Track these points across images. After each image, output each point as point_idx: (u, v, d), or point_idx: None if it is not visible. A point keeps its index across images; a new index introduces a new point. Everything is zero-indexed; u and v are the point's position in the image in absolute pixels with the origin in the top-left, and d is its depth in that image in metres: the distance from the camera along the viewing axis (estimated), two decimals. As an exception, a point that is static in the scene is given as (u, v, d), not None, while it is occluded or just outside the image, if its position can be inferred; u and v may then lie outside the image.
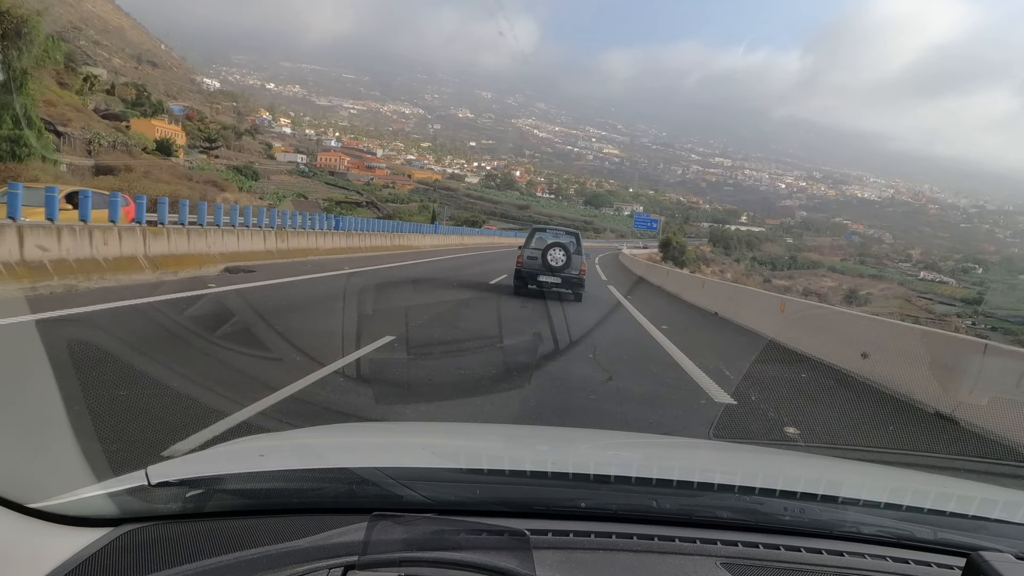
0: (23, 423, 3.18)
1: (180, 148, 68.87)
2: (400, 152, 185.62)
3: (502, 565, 0.96)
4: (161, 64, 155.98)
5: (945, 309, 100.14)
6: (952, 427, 6.01)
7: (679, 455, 1.94)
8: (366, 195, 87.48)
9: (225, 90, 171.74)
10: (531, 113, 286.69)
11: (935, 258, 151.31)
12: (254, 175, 76.77)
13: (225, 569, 0.98)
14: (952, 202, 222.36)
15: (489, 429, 2.83)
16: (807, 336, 9.63)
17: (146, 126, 65.10)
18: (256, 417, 4.13)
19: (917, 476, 2.10)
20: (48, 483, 1.20)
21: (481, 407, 5.12)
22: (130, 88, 75.54)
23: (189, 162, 67.09)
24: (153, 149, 61.68)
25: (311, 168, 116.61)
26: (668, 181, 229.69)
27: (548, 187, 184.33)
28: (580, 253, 14.71)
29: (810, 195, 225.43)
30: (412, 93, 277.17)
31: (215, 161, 76.22)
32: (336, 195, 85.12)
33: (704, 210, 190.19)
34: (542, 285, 14.25)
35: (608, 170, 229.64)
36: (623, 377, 6.61)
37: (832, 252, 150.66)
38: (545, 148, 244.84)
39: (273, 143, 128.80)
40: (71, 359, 4.90)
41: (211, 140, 75.56)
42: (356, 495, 1.21)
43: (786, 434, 5.05)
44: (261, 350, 6.29)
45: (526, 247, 14.91)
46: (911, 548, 1.20)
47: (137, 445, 3.49)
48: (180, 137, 72.82)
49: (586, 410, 5.24)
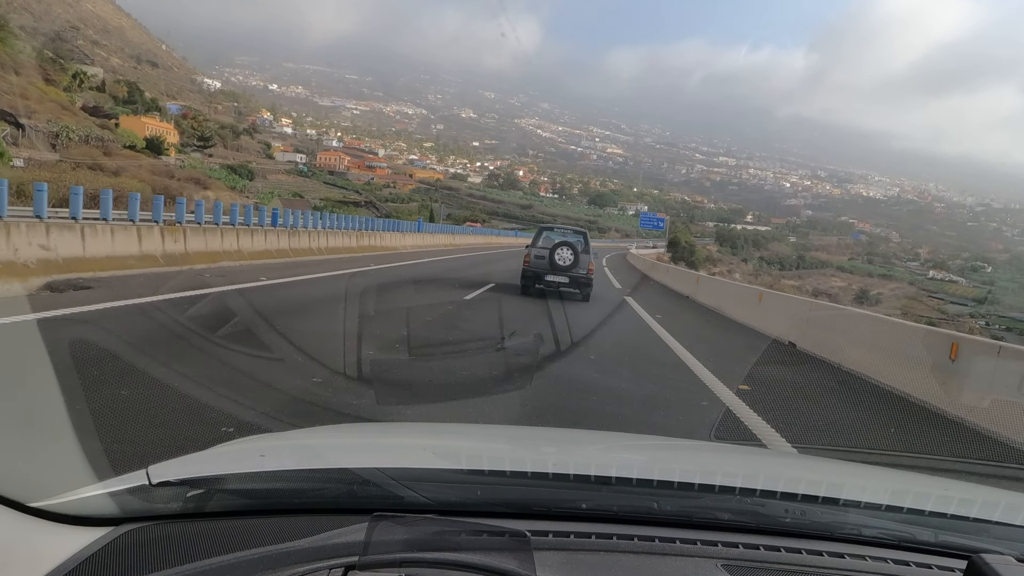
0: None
1: (172, 146, 66.47)
2: (402, 152, 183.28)
3: (503, 566, 0.96)
4: (161, 64, 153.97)
5: (957, 309, 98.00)
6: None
7: (680, 457, 1.93)
8: (365, 195, 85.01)
9: (226, 90, 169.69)
10: (534, 113, 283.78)
11: (943, 257, 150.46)
12: (249, 174, 74.39)
13: (226, 569, 0.98)
14: (958, 200, 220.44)
15: (490, 430, 2.83)
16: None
17: (136, 123, 62.78)
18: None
19: (918, 478, 2.09)
20: (48, 482, 1.20)
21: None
22: (122, 86, 73.19)
23: (181, 161, 64.76)
24: (143, 147, 59.54)
25: (310, 168, 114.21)
26: (672, 180, 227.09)
27: (552, 187, 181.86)
28: (588, 252, 14.37)
29: (815, 194, 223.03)
30: (415, 93, 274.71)
31: (209, 160, 73.87)
32: (334, 194, 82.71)
33: (709, 209, 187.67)
34: (549, 285, 13.93)
35: (612, 170, 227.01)
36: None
37: (839, 251, 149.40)
38: (548, 148, 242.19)
39: (272, 143, 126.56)
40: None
41: (205, 138, 73.15)
42: (357, 495, 1.21)
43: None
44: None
45: (533, 246, 14.71)
46: (912, 550, 1.20)
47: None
48: (173, 135, 70.52)
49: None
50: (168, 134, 68.79)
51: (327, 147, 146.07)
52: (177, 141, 72.89)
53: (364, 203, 74.26)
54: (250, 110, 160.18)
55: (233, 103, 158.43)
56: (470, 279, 17.07)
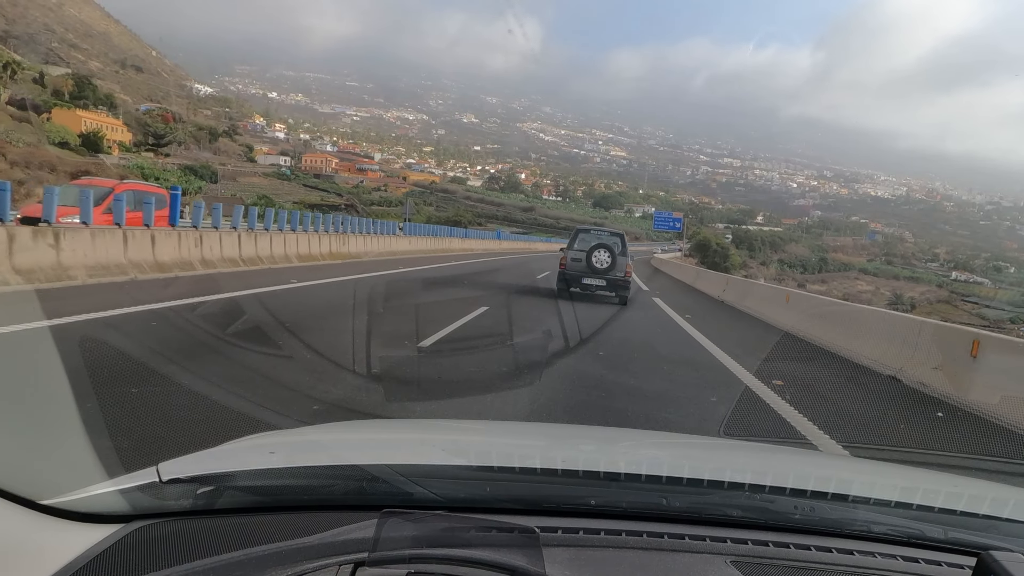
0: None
1: (115, 144, 56.41)
2: (400, 156, 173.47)
3: (512, 562, 0.94)
4: (148, 69, 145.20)
5: (996, 314, 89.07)
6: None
7: (689, 453, 1.88)
8: (347, 197, 74.75)
9: (217, 96, 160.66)
10: (537, 117, 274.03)
11: (963, 257, 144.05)
12: (212, 175, 64.42)
13: (235, 565, 0.96)
14: (967, 199, 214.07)
15: (499, 426, 2.82)
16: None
17: (70, 118, 52.79)
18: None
19: (928, 475, 2.07)
20: (60, 480, 1.18)
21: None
22: (66, 80, 63.41)
23: (126, 160, 54.77)
24: (77, 143, 49.72)
25: (295, 171, 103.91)
26: (678, 182, 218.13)
27: (555, 189, 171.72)
28: (625, 254, 14.00)
29: (823, 194, 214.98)
30: (416, 99, 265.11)
31: (166, 160, 63.72)
32: (311, 197, 72.52)
33: (718, 210, 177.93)
34: (586, 288, 13.82)
35: (616, 172, 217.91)
36: None
37: (856, 252, 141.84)
38: (551, 151, 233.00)
39: (257, 146, 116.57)
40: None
41: (159, 136, 63.09)
42: (366, 492, 1.19)
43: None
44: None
45: (570, 248, 14.35)
46: (922, 547, 1.18)
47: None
48: (121, 133, 60.44)
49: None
50: (114, 131, 58.64)
51: (314, 149, 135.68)
52: (129, 139, 62.83)
53: (345, 205, 64.24)
54: (242, 115, 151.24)
55: (225, 108, 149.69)
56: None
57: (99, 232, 10.12)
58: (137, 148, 62.70)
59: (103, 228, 10.43)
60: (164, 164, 60.87)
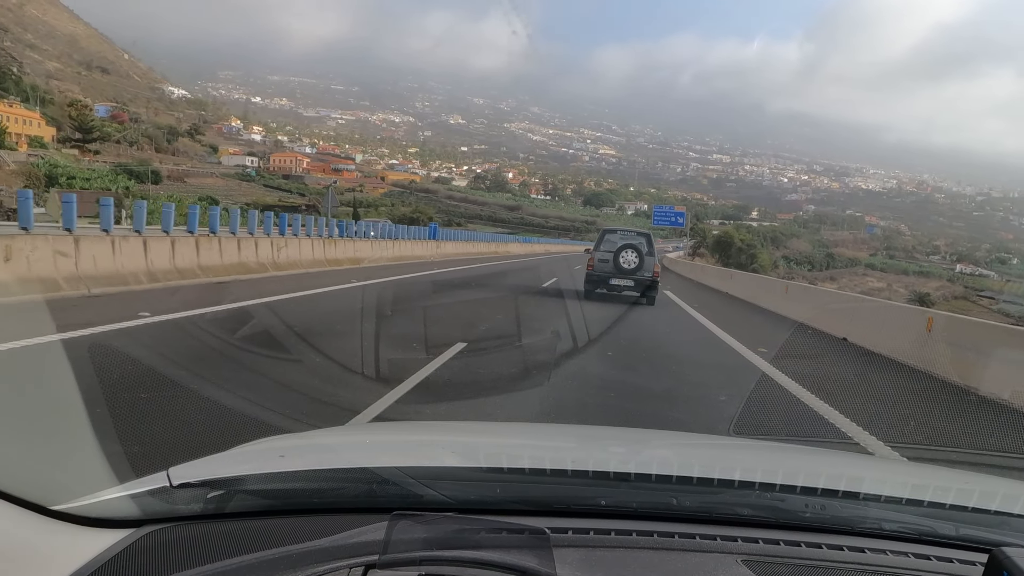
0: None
1: (23, 138, 47.03)
2: (383, 157, 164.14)
3: (523, 564, 0.92)
4: (117, 72, 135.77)
5: (1019, 309, 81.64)
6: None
7: (699, 452, 1.85)
8: (310, 197, 65.85)
9: (191, 99, 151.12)
10: (524, 117, 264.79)
11: (963, 249, 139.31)
12: (154, 176, 55.09)
13: (246, 569, 0.95)
14: (957, 191, 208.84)
15: (508, 428, 2.76)
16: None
17: (-35, 108, 43.53)
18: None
19: (938, 472, 2.05)
20: (70, 485, 1.16)
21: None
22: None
23: (39, 156, 45.50)
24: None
25: (261, 171, 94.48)
26: (668, 179, 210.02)
27: (544, 188, 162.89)
28: (653, 255, 13.87)
29: (815, 188, 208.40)
30: (402, 101, 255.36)
31: (94, 158, 54.23)
32: (269, 198, 63.39)
33: (711, 206, 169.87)
34: (613, 288, 13.70)
35: (605, 171, 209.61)
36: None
37: (856, 247, 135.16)
38: (540, 151, 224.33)
39: (230, 147, 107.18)
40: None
41: (85, 131, 54.12)
42: (376, 495, 1.17)
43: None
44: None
45: (596, 250, 14.21)
46: (933, 544, 1.16)
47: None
48: (38, 127, 51.11)
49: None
50: (28, 124, 49.25)
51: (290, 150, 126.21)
52: (52, 135, 53.45)
53: (306, 206, 55.27)
54: (218, 118, 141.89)
55: (200, 111, 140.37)
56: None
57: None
58: (61, 144, 53.42)
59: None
60: (91, 162, 51.67)
